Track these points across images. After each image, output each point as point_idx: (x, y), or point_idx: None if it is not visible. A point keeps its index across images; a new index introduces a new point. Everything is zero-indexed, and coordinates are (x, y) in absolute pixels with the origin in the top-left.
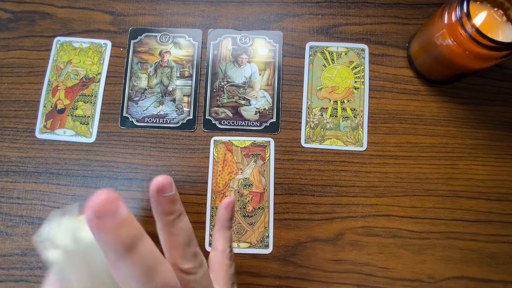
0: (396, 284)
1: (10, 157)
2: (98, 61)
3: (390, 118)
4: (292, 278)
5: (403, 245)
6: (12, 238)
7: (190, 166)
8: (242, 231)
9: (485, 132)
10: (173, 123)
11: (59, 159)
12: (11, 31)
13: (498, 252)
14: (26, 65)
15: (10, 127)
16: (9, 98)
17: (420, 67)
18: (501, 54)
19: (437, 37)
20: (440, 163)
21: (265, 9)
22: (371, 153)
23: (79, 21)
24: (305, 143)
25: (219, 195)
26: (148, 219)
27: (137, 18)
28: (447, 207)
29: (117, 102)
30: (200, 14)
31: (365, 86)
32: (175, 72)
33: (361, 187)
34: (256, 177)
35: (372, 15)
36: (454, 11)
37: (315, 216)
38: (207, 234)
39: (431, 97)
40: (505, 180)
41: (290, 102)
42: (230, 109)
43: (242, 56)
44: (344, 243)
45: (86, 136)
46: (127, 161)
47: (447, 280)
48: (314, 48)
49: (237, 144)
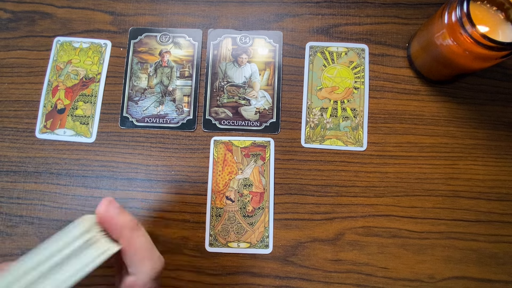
0: (396, 284)
1: (10, 157)
2: (98, 61)
3: (390, 118)
4: (292, 278)
5: (403, 245)
6: (12, 238)
7: (190, 166)
8: (242, 231)
9: (485, 132)
10: (173, 123)
11: (59, 159)
12: (11, 31)
13: (498, 252)
14: (26, 65)
15: (10, 127)
16: (9, 98)
17: (420, 67)
18: (501, 54)
19: (437, 37)
20: (440, 163)
21: (265, 9)
22: (371, 153)
23: (79, 21)
24: (305, 143)
25: (219, 195)
26: (149, 219)
27: (137, 18)
28: (447, 207)
29: (117, 102)
30: (200, 14)
31: (365, 86)
32: (175, 72)
33: (361, 187)
34: (256, 177)
35: (372, 15)
36: (454, 11)
37: (315, 216)
38: (207, 235)
39: (431, 97)
40: (505, 180)
41: (290, 102)
42: (230, 109)
43: (242, 56)
44: (344, 243)
45: (86, 136)
46: (127, 161)
47: (447, 280)
48: (314, 48)
49: (237, 144)
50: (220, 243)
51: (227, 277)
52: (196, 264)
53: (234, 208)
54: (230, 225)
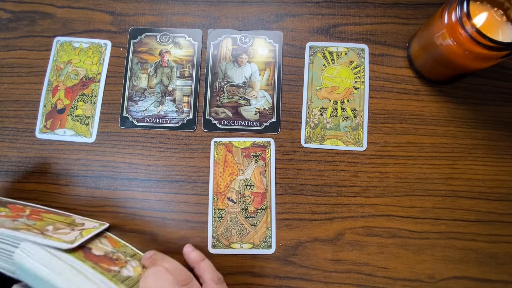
0: (396, 284)
1: (10, 157)
2: (98, 61)
3: (390, 118)
4: (292, 278)
5: (403, 245)
6: None
7: (190, 166)
8: (244, 232)
9: (485, 132)
10: (173, 123)
11: (59, 159)
12: (11, 31)
13: (498, 252)
14: (26, 65)
15: (10, 127)
16: (9, 98)
17: (420, 67)
18: (501, 54)
19: (437, 37)
20: (440, 163)
21: (265, 9)
22: (371, 153)
23: (79, 21)
24: (305, 143)
25: (220, 196)
26: (149, 219)
27: (137, 18)
28: (447, 207)
29: (117, 102)
30: (200, 14)
31: (365, 86)
32: (175, 72)
33: (361, 187)
34: (257, 177)
35: (372, 15)
36: (454, 11)
37: (315, 216)
38: (209, 235)
39: (431, 97)
40: (505, 180)
41: (290, 102)
42: (230, 109)
43: (242, 56)
44: (344, 243)
45: (86, 136)
46: (127, 161)
47: (447, 280)
48: (314, 48)
49: (237, 145)
50: (222, 244)
51: (227, 277)
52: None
53: (236, 209)
54: (233, 226)
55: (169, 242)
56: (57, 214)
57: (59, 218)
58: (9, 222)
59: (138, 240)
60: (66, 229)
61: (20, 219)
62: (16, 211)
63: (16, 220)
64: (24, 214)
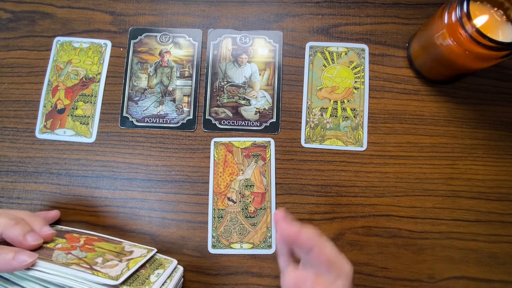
0: (396, 284)
1: (10, 157)
2: (98, 61)
3: (390, 118)
4: None
5: (403, 245)
6: None
7: (190, 166)
8: (244, 232)
9: (485, 132)
10: (173, 123)
11: (59, 159)
12: (11, 31)
13: (498, 252)
14: (26, 65)
15: (10, 127)
16: (9, 98)
17: (420, 67)
18: (501, 54)
19: (437, 37)
20: (440, 163)
21: (265, 9)
22: (371, 153)
23: (79, 21)
24: (305, 143)
25: (220, 196)
26: (149, 219)
27: (137, 18)
28: (447, 207)
29: (117, 102)
30: (200, 14)
31: (365, 86)
32: (175, 72)
33: (361, 187)
34: (257, 177)
35: (372, 15)
36: (454, 11)
37: (315, 216)
38: (209, 235)
39: (431, 97)
40: (505, 180)
41: (290, 102)
42: (230, 109)
43: (242, 56)
44: (344, 243)
45: (86, 136)
46: (127, 161)
47: (447, 280)
48: (314, 48)
49: (237, 145)
50: (223, 244)
51: (227, 277)
52: (196, 264)
53: (236, 209)
54: (233, 226)
55: (169, 242)
56: (108, 241)
57: (109, 247)
58: (62, 257)
59: (138, 240)
60: (115, 260)
61: (74, 251)
62: (72, 242)
63: (70, 253)
64: (78, 245)
